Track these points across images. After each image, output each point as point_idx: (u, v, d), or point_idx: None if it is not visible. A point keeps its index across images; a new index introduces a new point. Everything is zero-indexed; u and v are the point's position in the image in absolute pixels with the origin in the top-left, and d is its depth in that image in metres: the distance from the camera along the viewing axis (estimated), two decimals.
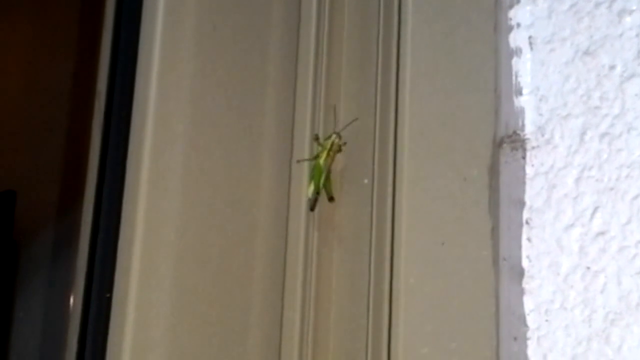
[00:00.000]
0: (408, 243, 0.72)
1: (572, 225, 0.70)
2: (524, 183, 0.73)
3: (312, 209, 0.80)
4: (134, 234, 0.70)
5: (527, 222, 0.72)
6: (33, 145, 1.72)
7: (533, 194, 0.72)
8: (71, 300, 0.76)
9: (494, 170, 0.73)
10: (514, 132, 0.74)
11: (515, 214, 0.72)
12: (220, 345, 0.73)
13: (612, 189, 0.70)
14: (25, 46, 1.78)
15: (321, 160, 0.80)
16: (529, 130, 0.73)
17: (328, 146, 0.80)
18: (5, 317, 1.66)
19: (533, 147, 0.73)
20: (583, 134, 0.71)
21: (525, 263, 0.72)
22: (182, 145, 0.75)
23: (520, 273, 0.71)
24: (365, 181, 0.77)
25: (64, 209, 1.61)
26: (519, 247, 0.72)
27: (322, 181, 0.79)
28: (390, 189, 0.73)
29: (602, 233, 0.69)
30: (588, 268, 0.69)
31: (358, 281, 0.75)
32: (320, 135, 0.81)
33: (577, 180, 0.71)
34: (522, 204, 0.73)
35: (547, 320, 0.70)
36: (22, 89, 1.78)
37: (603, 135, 0.71)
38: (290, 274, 0.78)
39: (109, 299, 0.68)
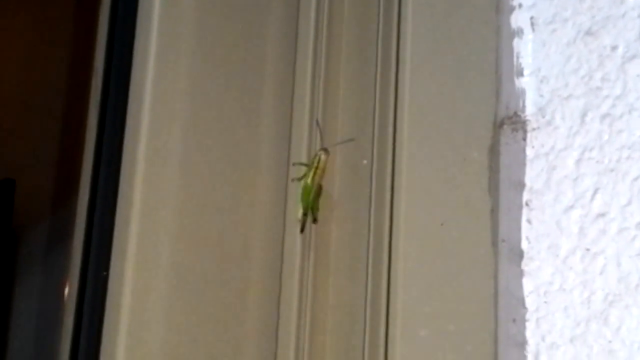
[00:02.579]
0: (407, 223, 0.71)
1: (572, 207, 0.70)
2: (524, 164, 0.72)
3: (302, 230, 0.78)
4: (131, 213, 0.69)
5: (527, 204, 0.72)
6: (32, 133, 1.72)
7: (533, 175, 0.72)
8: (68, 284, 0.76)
9: (494, 152, 0.73)
10: (515, 113, 0.73)
11: (515, 196, 0.72)
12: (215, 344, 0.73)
13: (612, 170, 0.69)
14: (23, 35, 1.78)
15: (308, 180, 0.78)
16: (529, 111, 0.73)
17: (315, 164, 0.78)
18: (4, 304, 1.66)
19: (534, 129, 0.73)
20: (584, 115, 0.71)
21: (524, 245, 0.71)
22: (181, 127, 0.74)
23: (519, 255, 0.71)
24: (365, 162, 0.77)
25: (63, 196, 1.61)
26: (519, 228, 0.72)
27: (310, 201, 0.78)
28: (389, 170, 0.73)
29: (602, 214, 0.69)
30: (587, 250, 0.69)
31: (357, 259, 0.75)
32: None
33: (578, 161, 0.71)
34: (522, 185, 0.72)
35: (546, 302, 0.70)
36: (20, 78, 1.78)
37: (604, 117, 0.70)
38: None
39: (106, 278, 0.68)
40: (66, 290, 0.80)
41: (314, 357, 0.75)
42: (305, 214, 0.78)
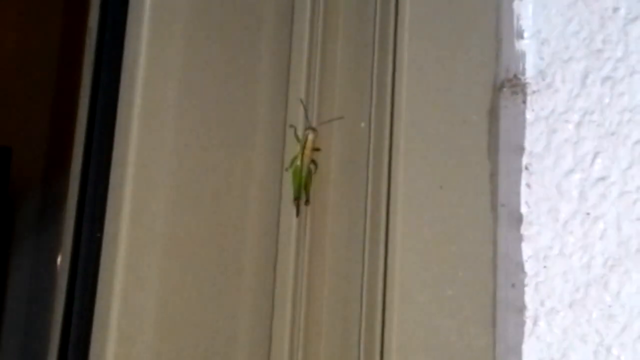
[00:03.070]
0: (405, 186, 0.70)
1: (572, 171, 0.69)
2: (523, 128, 0.72)
3: (297, 214, 0.77)
4: (125, 175, 0.69)
5: (526, 168, 0.71)
6: (27, 101, 1.71)
7: (533, 139, 0.71)
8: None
9: (493, 115, 0.72)
10: (515, 76, 0.72)
11: (514, 160, 0.71)
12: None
13: (613, 133, 0.68)
14: (16, 4, 1.76)
15: (298, 162, 0.77)
16: (529, 74, 0.72)
17: (303, 143, 0.77)
18: (1, 271, 1.66)
19: (534, 92, 0.72)
20: (585, 77, 0.70)
21: (524, 209, 0.71)
22: (176, 86, 0.73)
23: (518, 219, 0.70)
24: (362, 125, 0.76)
25: (58, 163, 1.60)
26: (518, 193, 0.71)
27: (302, 183, 0.76)
28: (387, 132, 0.72)
29: (602, 178, 0.68)
30: (588, 214, 0.68)
31: (353, 222, 0.74)
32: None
33: (578, 125, 0.70)
34: (521, 149, 0.71)
35: (545, 267, 0.69)
36: (14, 45, 1.77)
37: (605, 79, 0.69)
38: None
39: (100, 239, 0.67)
40: (59, 257, 0.79)
41: (309, 317, 0.74)
42: (298, 197, 0.77)
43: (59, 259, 0.79)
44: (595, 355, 0.66)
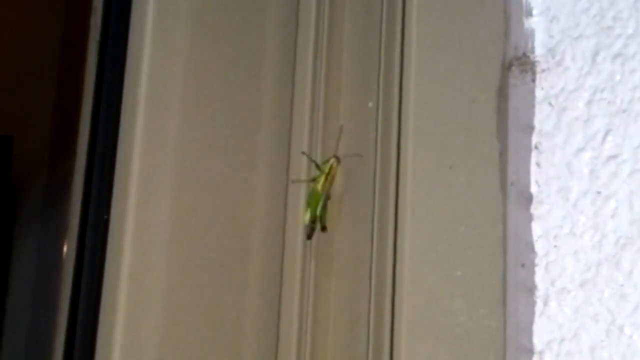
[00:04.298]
0: (414, 166, 0.70)
1: (582, 149, 0.69)
2: (533, 106, 0.71)
3: (309, 237, 0.76)
4: (132, 156, 0.68)
5: (536, 147, 0.70)
6: (28, 89, 1.70)
7: (542, 117, 0.70)
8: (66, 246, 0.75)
9: (502, 94, 0.71)
10: (524, 54, 0.71)
11: (524, 139, 0.71)
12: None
13: (624, 111, 0.68)
14: None
15: (319, 186, 0.76)
16: (539, 52, 0.71)
17: (326, 170, 0.76)
18: (3, 260, 1.65)
19: (543, 70, 0.71)
20: (595, 55, 0.69)
21: (533, 188, 0.70)
22: (182, 70, 0.72)
23: (528, 198, 0.70)
24: (370, 104, 0.75)
25: (61, 152, 1.59)
26: (528, 172, 0.70)
27: (319, 209, 0.76)
28: (396, 112, 0.71)
29: (613, 156, 0.68)
30: (599, 192, 0.68)
31: (362, 202, 0.73)
32: (319, 154, 0.78)
33: (589, 102, 0.69)
34: (531, 128, 0.71)
35: (555, 246, 0.68)
36: (16, 33, 1.76)
37: (616, 56, 0.68)
38: None
39: (107, 221, 0.66)
40: (65, 248, 0.79)
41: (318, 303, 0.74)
42: (314, 222, 0.76)
43: (64, 248, 0.79)
44: (607, 334, 0.66)
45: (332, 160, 0.76)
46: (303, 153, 0.77)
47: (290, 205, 0.77)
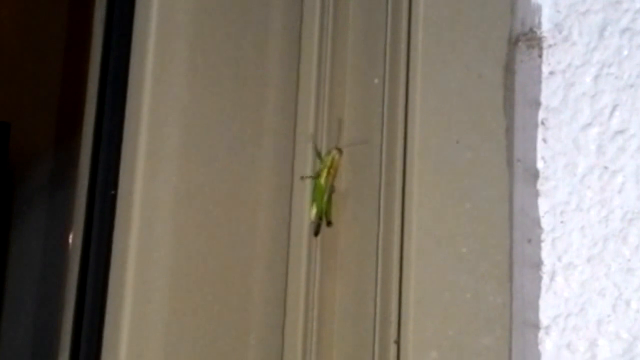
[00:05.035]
0: (421, 141, 0.69)
1: (589, 125, 0.69)
2: (539, 82, 0.71)
3: (315, 233, 0.76)
4: (138, 130, 0.68)
5: (542, 123, 0.70)
6: (26, 76, 1.69)
7: (549, 93, 0.70)
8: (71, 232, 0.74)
9: (509, 70, 0.71)
10: (530, 30, 0.71)
11: (530, 115, 0.71)
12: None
13: (632, 86, 0.68)
14: None
15: (322, 180, 0.75)
16: (545, 27, 0.71)
17: (328, 163, 0.75)
18: (2, 249, 1.65)
19: (550, 45, 0.71)
20: (602, 30, 0.69)
21: (540, 164, 0.70)
22: (186, 47, 0.72)
23: (534, 174, 0.70)
24: (376, 81, 0.74)
25: (60, 140, 1.59)
26: (534, 148, 0.70)
27: (324, 203, 0.75)
28: (402, 88, 0.71)
29: (620, 131, 0.68)
30: (606, 168, 0.68)
31: (368, 180, 0.73)
32: (323, 148, 0.77)
33: (596, 78, 0.69)
34: (537, 104, 0.71)
35: (562, 222, 0.68)
36: (15, 20, 1.75)
37: (624, 31, 0.68)
38: None
39: (114, 196, 0.66)
40: (70, 237, 0.78)
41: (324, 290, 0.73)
42: (320, 218, 0.75)
43: (70, 236, 0.78)
44: (614, 309, 0.66)
45: (334, 152, 0.76)
46: (308, 144, 0.77)
47: (296, 200, 0.76)
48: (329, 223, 0.76)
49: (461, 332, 0.68)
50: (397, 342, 0.68)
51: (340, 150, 0.75)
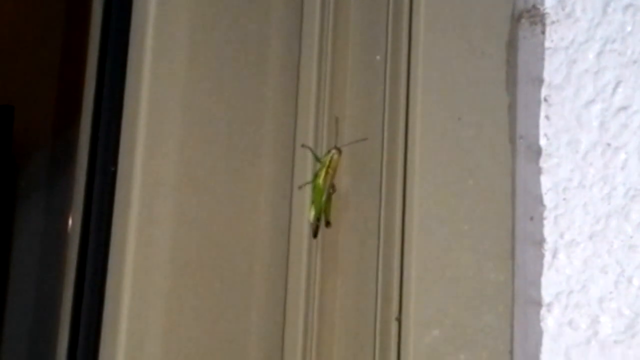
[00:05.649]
0: (423, 117, 0.69)
1: (592, 101, 0.68)
2: (542, 59, 0.70)
3: (314, 235, 0.75)
4: (139, 107, 0.67)
5: (545, 100, 0.70)
6: (29, 59, 1.69)
7: (552, 70, 0.70)
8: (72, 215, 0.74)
9: (511, 46, 0.70)
10: (533, 6, 0.71)
11: (533, 91, 0.70)
12: None
13: (635, 62, 0.67)
14: None
15: (320, 180, 0.74)
16: (548, 3, 0.71)
17: (327, 163, 0.74)
18: (5, 232, 1.65)
19: (553, 22, 0.70)
20: (606, 5, 0.69)
21: (542, 141, 0.70)
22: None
23: (537, 152, 0.69)
24: (378, 57, 0.74)
25: (63, 123, 1.59)
26: (537, 125, 0.70)
27: (322, 203, 0.74)
28: (404, 65, 0.70)
29: (623, 108, 0.67)
30: (608, 144, 0.67)
31: (369, 156, 0.73)
32: (323, 150, 0.76)
33: (599, 54, 0.69)
34: (540, 80, 0.70)
35: (564, 199, 0.68)
36: (15, 3, 1.75)
37: (627, 7, 0.68)
38: None
39: (114, 173, 0.66)
40: (69, 222, 0.78)
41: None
42: (318, 219, 0.74)
43: (69, 220, 0.78)
44: (616, 286, 0.66)
45: (333, 151, 0.74)
46: (303, 145, 0.76)
47: (295, 201, 0.76)
48: (327, 223, 0.75)
49: (463, 309, 0.67)
50: (399, 320, 0.68)
51: (339, 150, 0.74)
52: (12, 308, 1.60)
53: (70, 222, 0.76)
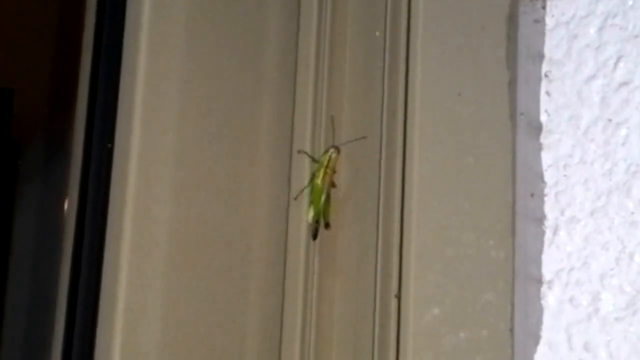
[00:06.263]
0: (423, 92, 0.68)
1: (593, 77, 0.68)
2: (543, 34, 0.70)
3: (314, 237, 0.73)
4: (135, 82, 0.67)
5: (546, 75, 0.69)
6: (29, 41, 1.68)
7: (553, 45, 0.69)
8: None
9: (512, 21, 0.70)
10: None
11: (533, 67, 0.70)
12: None
13: (636, 36, 0.67)
14: None
15: (318, 180, 0.73)
16: None
17: (325, 163, 0.73)
18: (5, 214, 1.65)
19: None
20: None
21: (543, 117, 0.69)
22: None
23: (538, 128, 0.69)
24: (377, 34, 0.73)
25: (63, 105, 1.58)
26: (537, 101, 0.69)
27: (321, 204, 0.73)
28: (403, 40, 0.70)
29: (625, 83, 0.67)
30: (610, 120, 0.67)
31: (369, 131, 0.72)
32: (321, 150, 0.75)
33: (600, 29, 0.68)
34: (541, 56, 0.70)
35: (565, 176, 0.68)
36: None
37: None
38: None
39: (111, 149, 0.65)
40: (66, 203, 0.78)
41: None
42: (317, 220, 0.73)
43: (66, 203, 0.78)
44: (617, 262, 0.65)
45: (331, 151, 0.73)
46: (300, 151, 0.75)
47: (293, 202, 0.75)
48: (327, 225, 0.74)
49: (463, 287, 0.67)
50: (398, 297, 0.67)
51: (337, 149, 0.73)
52: (13, 285, 1.60)
53: (67, 200, 0.75)
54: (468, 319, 0.66)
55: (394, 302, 0.67)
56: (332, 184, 0.73)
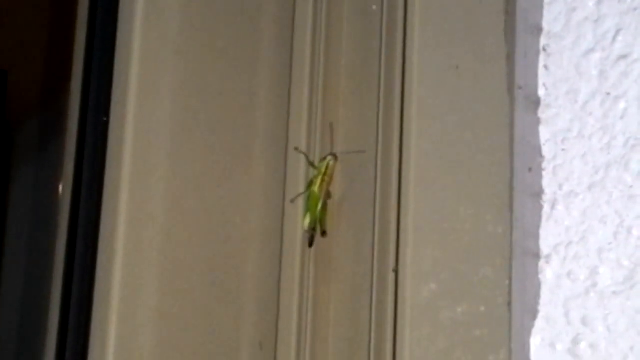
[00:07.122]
0: (420, 65, 0.68)
1: (592, 50, 0.67)
2: (541, 7, 0.69)
3: (310, 244, 0.73)
4: (131, 60, 0.66)
5: (544, 49, 0.69)
6: (22, 22, 1.67)
7: (551, 18, 0.69)
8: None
9: None
10: None
11: (532, 41, 0.69)
12: None
13: (635, 9, 0.66)
14: None
15: (316, 188, 0.72)
16: None
17: (323, 170, 0.72)
18: (1, 195, 1.64)
19: None
20: None
21: (541, 91, 0.69)
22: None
23: (536, 102, 0.68)
24: (374, 7, 0.73)
25: (56, 86, 1.57)
26: (535, 75, 0.69)
27: (318, 212, 0.72)
28: (400, 12, 0.69)
29: (624, 56, 0.66)
30: (608, 94, 0.66)
31: (366, 106, 0.72)
32: (317, 156, 0.74)
33: (599, 2, 0.67)
34: (539, 29, 0.69)
35: (563, 150, 0.67)
36: None
37: None
38: None
39: (106, 123, 0.65)
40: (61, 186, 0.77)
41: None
42: (313, 228, 0.73)
43: (60, 187, 0.77)
44: (615, 236, 0.65)
45: (329, 158, 0.73)
46: (296, 149, 0.74)
47: (288, 210, 0.75)
48: (323, 233, 0.73)
49: (460, 262, 0.67)
50: (396, 271, 0.67)
51: (335, 156, 0.73)
52: (8, 266, 1.60)
53: (62, 180, 0.75)
54: (466, 293, 0.66)
55: (391, 277, 0.67)
56: (328, 195, 0.73)
